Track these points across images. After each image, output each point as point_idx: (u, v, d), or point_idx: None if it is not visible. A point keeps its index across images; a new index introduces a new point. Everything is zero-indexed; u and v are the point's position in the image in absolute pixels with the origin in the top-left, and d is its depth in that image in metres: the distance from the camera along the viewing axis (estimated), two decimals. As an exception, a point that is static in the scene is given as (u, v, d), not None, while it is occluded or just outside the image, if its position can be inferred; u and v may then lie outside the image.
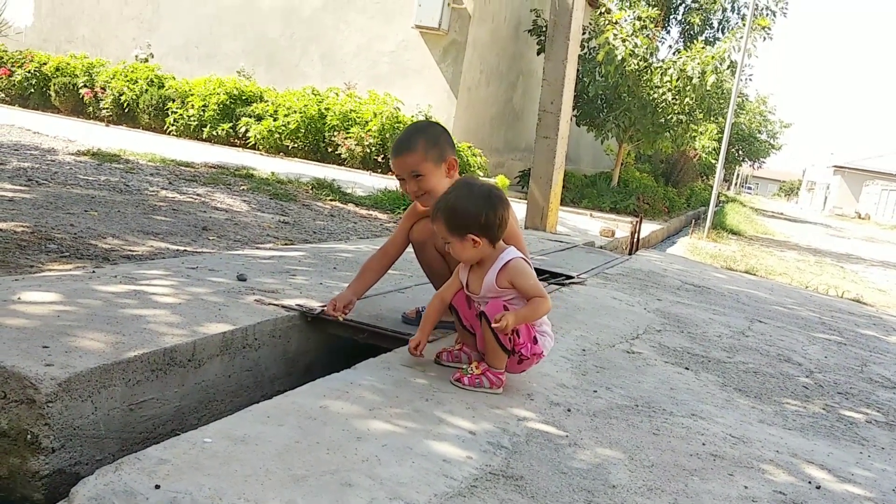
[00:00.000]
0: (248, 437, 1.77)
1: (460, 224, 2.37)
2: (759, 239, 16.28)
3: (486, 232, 2.38)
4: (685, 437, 2.34)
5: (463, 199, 2.40)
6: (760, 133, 42.86)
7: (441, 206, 2.42)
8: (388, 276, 3.87)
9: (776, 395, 3.05)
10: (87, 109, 13.42)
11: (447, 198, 2.42)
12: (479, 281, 2.45)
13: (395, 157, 2.76)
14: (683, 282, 5.88)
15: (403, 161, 2.73)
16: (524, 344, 2.40)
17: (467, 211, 2.37)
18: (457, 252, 2.43)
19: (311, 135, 11.84)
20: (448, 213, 2.39)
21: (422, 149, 2.70)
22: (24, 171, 5.94)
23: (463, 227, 2.37)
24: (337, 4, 13.14)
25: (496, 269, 2.41)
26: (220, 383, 2.47)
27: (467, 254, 2.42)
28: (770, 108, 42.89)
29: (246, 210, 6.06)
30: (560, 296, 4.29)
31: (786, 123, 45.80)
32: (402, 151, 2.73)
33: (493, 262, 2.42)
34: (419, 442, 1.92)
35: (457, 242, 2.40)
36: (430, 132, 2.78)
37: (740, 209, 28.35)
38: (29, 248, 3.58)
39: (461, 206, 2.39)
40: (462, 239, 2.38)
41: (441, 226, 2.41)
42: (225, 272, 3.30)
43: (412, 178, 2.73)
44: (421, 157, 2.70)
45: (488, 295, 2.43)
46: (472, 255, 2.42)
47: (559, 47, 7.77)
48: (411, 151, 2.71)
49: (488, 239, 2.40)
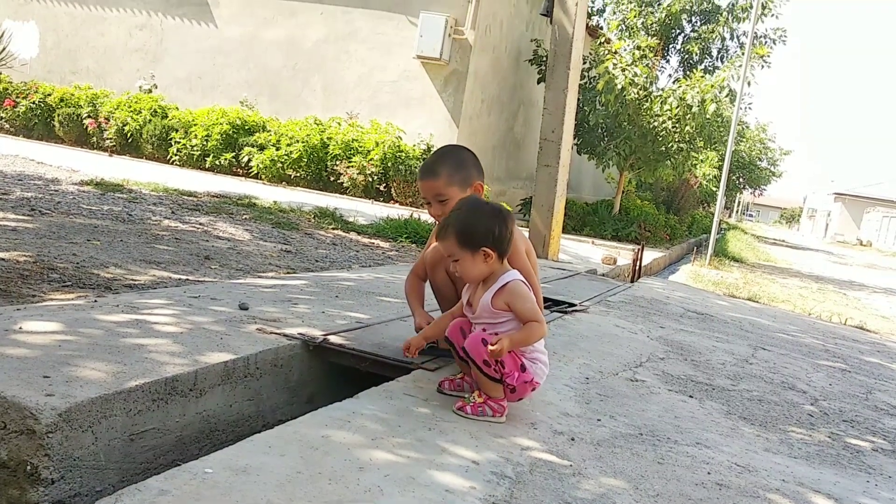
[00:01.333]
0: (250, 468, 1.76)
1: (472, 238, 2.37)
2: (762, 266, 16.27)
3: (498, 246, 2.39)
4: (690, 465, 2.32)
5: (474, 214, 2.42)
6: (761, 160, 42.96)
7: (451, 221, 2.42)
8: (389, 304, 3.87)
9: (781, 423, 3.03)
10: (91, 140, 13.50)
11: (457, 214, 2.43)
12: (475, 299, 2.46)
13: (421, 180, 2.79)
14: (686, 309, 5.87)
15: (428, 185, 2.76)
16: (510, 373, 2.37)
17: (479, 224, 2.39)
18: (465, 269, 2.41)
19: (314, 164, 11.90)
20: (460, 228, 2.39)
21: (447, 173, 2.73)
22: (27, 201, 5.96)
23: (475, 241, 2.37)
24: (339, 36, 13.26)
25: (493, 290, 2.40)
26: (221, 413, 2.46)
27: (477, 270, 2.41)
28: (770, 135, 43.05)
29: (248, 239, 6.06)
30: (563, 324, 4.28)
31: (786, 151, 45.94)
32: (427, 175, 2.77)
33: (494, 283, 2.41)
34: (422, 472, 1.90)
35: (467, 258, 2.39)
36: (456, 157, 2.82)
37: (742, 236, 28.36)
38: (31, 278, 3.58)
39: (472, 220, 2.40)
40: (474, 253, 2.38)
41: (452, 241, 2.40)
42: (227, 301, 3.29)
43: (437, 202, 2.76)
44: (445, 182, 2.73)
45: (483, 315, 2.42)
46: (480, 272, 2.42)
47: (560, 77, 7.83)
48: (436, 176, 2.74)
49: (499, 253, 2.40)
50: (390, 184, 11.61)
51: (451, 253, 2.43)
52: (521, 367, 2.39)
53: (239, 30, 13.84)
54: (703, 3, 22.08)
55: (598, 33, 16.03)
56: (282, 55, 13.61)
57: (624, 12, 22.48)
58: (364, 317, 3.44)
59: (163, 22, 14.40)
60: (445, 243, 2.43)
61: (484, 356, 2.34)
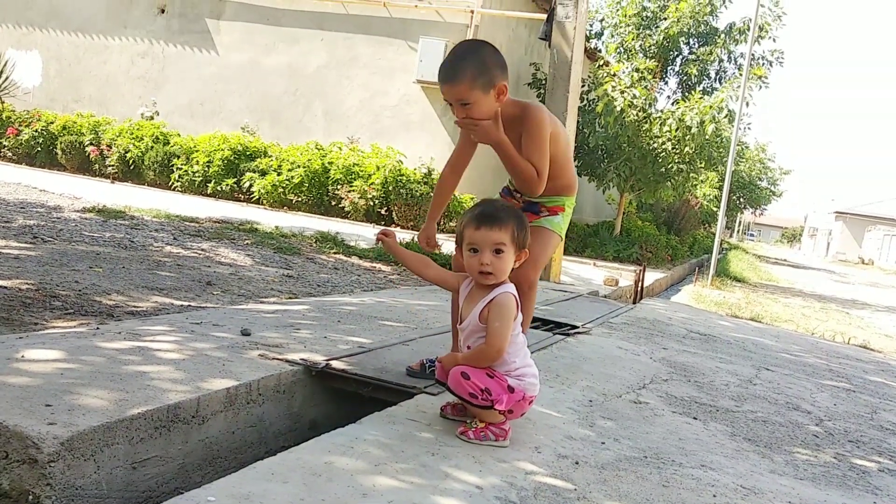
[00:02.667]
0: (253, 495, 1.75)
1: (524, 238, 2.40)
2: (764, 286, 16.25)
3: (520, 250, 2.42)
4: (695, 488, 2.30)
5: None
6: (761, 180, 43.11)
7: (509, 212, 2.42)
8: (391, 328, 3.87)
9: (786, 444, 3.01)
10: (94, 167, 13.56)
11: (510, 209, 2.44)
12: (467, 309, 2.44)
13: (442, 83, 2.57)
14: (689, 330, 5.86)
15: (450, 89, 2.56)
16: (499, 398, 2.32)
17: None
18: (506, 265, 2.38)
19: (315, 189, 11.94)
20: (517, 223, 2.38)
21: (469, 76, 2.52)
22: (29, 229, 5.97)
23: (524, 242, 2.40)
24: (340, 61, 13.36)
25: (483, 304, 2.37)
26: (223, 440, 2.45)
27: (509, 270, 2.40)
28: (770, 155, 43.21)
29: (250, 264, 6.07)
30: (565, 346, 4.27)
31: (786, 170, 46.12)
32: (448, 79, 2.55)
33: (488, 293, 2.38)
34: (425, 498, 1.90)
35: (512, 254, 2.38)
36: (478, 56, 2.57)
37: (743, 256, 28.37)
38: (33, 306, 3.58)
39: (524, 220, 2.44)
40: (518, 252, 2.39)
41: (508, 232, 2.35)
42: (229, 327, 3.29)
43: (460, 106, 2.59)
44: (468, 86, 2.52)
45: (470, 328, 2.41)
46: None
47: (559, 100, 7.87)
48: (458, 80, 2.53)
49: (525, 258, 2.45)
50: (391, 207, 11.64)
51: (500, 244, 2.34)
52: (509, 388, 2.35)
53: (240, 56, 13.95)
54: (701, 25, 22.22)
55: (597, 56, 16.14)
56: (283, 81, 13.70)
57: (622, 35, 22.62)
58: (366, 341, 3.44)
59: (164, 49, 14.52)
60: (500, 233, 2.34)
61: (469, 389, 2.32)
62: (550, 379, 3.38)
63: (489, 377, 2.34)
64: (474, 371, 2.33)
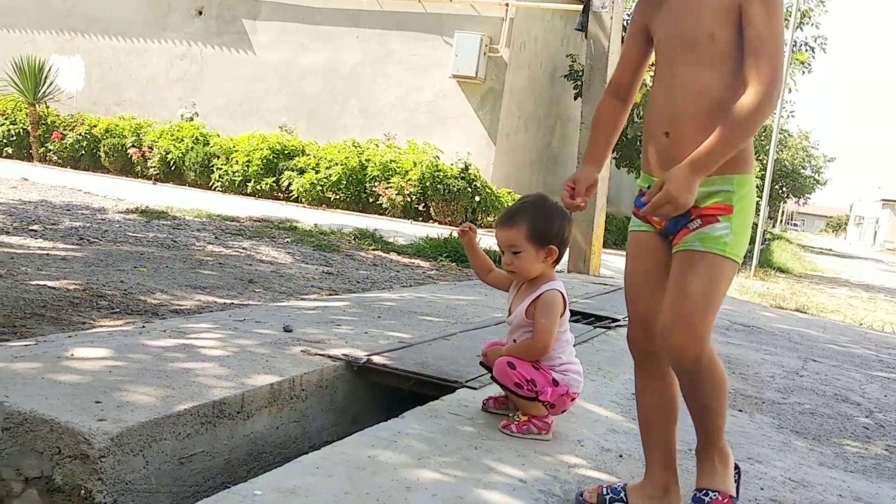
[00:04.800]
0: (298, 489, 1.76)
1: (543, 232, 2.34)
2: (809, 276, 15.96)
3: (561, 246, 2.37)
4: (742, 481, 2.27)
5: (547, 209, 2.38)
6: (804, 168, 42.26)
7: (524, 210, 2.38)
8: (431, 323, 3.87)
9: (835, 436, 2.96)
10: (136, 169, 13.80)
11: (530, 205, 2.40)
12: (515, 305, 2.44)
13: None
14: (732, 321, 5.77)
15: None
16: (543, 390, 2.34)
17: (552, 220, 2.35)
18: (526, 264, 2.37)
19: (353, 186, 12.01)
20: (534, 219, 2.35)
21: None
22: (75, 231, 6.10)
23: (545, 237, 2.34)
24: (375, 59, 13.41)
25: (531, 299, 2.38)
26: (268, 435, 2.47)
27: (536, 268, 2.38)
28: (813, 142, 42.36)
29: (290, 262, 6.13)
30: (607, 339, 4.24)
31: (830, 158, 45.14)
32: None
33: (536, 289, 2.39)
34: (469, 491, 1.90)
35: (532, 252, 2.35)
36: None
37: (787, 246, 27.86)
38: (81, 306, 3.66)
39: (546, 215, 2.37)
40: (539, 249, 2.35)
41: (521, 232, 2.34)
42: (271, 324, 3.32)
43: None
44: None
45: (517, 321, 2.41)
46: (538, 270, 2.38)
47: (596, 90, 7.80)
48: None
49: (559, 254, 2.38)
50: (429, 203, 11.66)
51: (514, 244, 2.36)
52: (553, 381, 2.36)
53: (277, 56, 14.07)
54: (740, 11, 21.88)
55: (634, 46, 15.92)
56: (319, 80, 13.80)
57: (659, 24, 22.36)
58: (406, 336, 3.45)
59: (202, 51, 14.71)
60: (511, 233, 2.35)
61: (515, 379, 2.33)
62: (592, 372, 3.35)
63: (535, 369, 2.35)
64: (520, 362, 2.35)
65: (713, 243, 1.81)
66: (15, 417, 1.94)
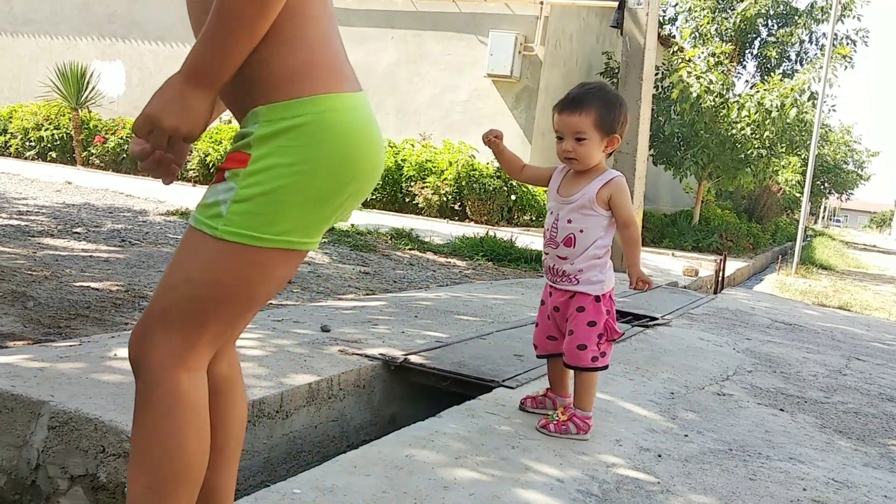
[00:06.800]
0: (337, 488, 1.78)
1: (611, 121, 2.32)
2: (852, 273, 15.65)
3: (622, 135, 2.36)
4: (784, 482, 2.24)
5: (614, 98, 2.37)
6: (847, 163, 41.44)
7: (596, 94, 2.33)
8: (467, 322, 3.88)
9: (880, 436, 2.90)
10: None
11: (598, 91, 2.36)
12: (573, 187, 2.40)
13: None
14: (773, 320, 5.69)
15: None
16: (607, 347, 2.40)
17: (620, 110, 2.34)
18: (588, 152, 2.33)
19: (389, 186, 12.05)
20: (602, 106, 2.31)
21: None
22: (117, 233, 6.21)
23: (611, 126, 2.32)
24: (410, 58, 13.45)
25: (602, 181, 2.36)
26: (306, 434, 2.50)
27: (597, 156, 2.36)
28: (855, 137, 41.51)
29: (328, 262, 6.17)
30: (645, 338, 4.20)
31: (873, 152, 44.21)
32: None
33: (599, 175, 2.37)
34: (507, 491, 1.90)
35: (597, 140, 2.32)
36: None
37: (829, 243, 27.36)
38: (123, 307, 3.72)
39: (613, 103, 2.34)
40: (604, 137, 2.33)
41: (589, 118, 2.29)
42: (309, 324, 3.35)
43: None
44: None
45: (579, 202, 2.37)
46: (597, 158, 2.37)
47: (632, 88, 7.74)
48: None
49: (618, 144, 2.38)
50: (465, 203, 11.66)
51: (579, 130, 2.30)
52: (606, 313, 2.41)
53: (313, 58, 14.17)
54: (780, 6, 21.53)
55: (671, 42, 15.81)
56: (355, 80, 13.87)
57: (697, 19, 22.10)
58: (443, 336, 3.45)
59: (240, 54, 14.87)
60: (578, 118, 2.30)
61: (591, 355, 2.34)
62: (630, 371, 3.33)
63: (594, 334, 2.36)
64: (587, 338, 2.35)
65: (202, 212, 1.30)
66: (60, 416, 1.98)
